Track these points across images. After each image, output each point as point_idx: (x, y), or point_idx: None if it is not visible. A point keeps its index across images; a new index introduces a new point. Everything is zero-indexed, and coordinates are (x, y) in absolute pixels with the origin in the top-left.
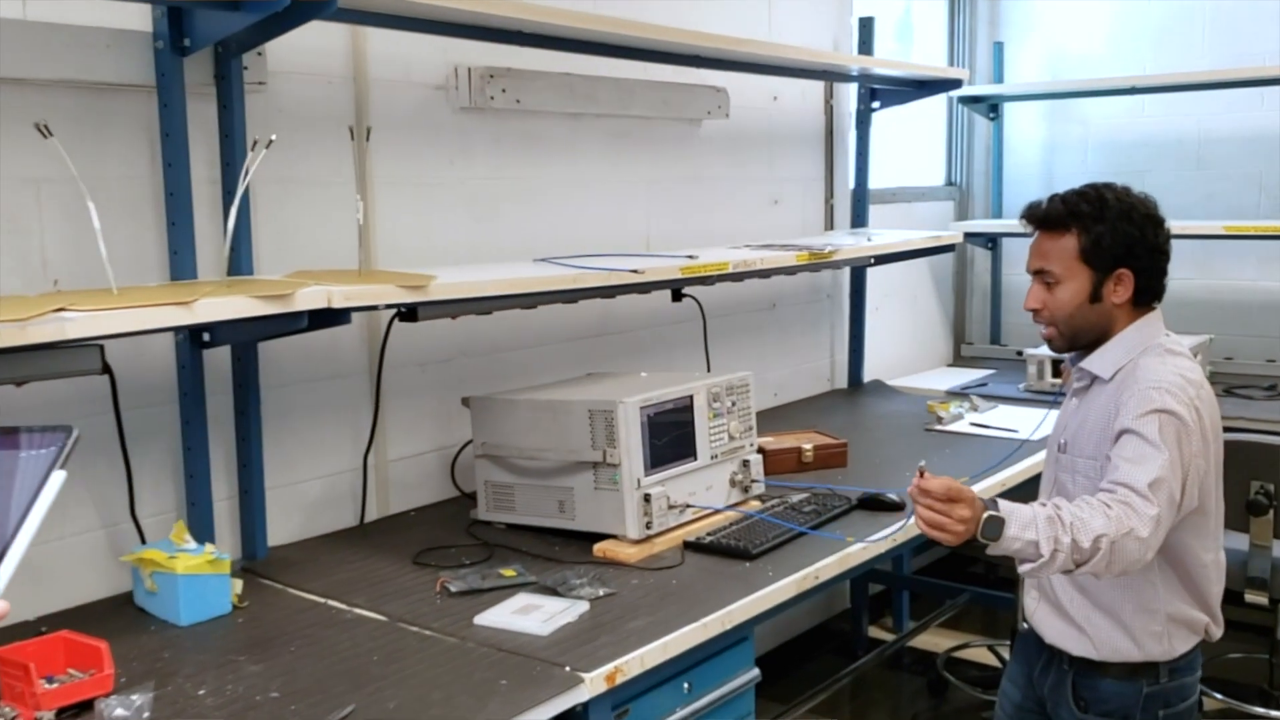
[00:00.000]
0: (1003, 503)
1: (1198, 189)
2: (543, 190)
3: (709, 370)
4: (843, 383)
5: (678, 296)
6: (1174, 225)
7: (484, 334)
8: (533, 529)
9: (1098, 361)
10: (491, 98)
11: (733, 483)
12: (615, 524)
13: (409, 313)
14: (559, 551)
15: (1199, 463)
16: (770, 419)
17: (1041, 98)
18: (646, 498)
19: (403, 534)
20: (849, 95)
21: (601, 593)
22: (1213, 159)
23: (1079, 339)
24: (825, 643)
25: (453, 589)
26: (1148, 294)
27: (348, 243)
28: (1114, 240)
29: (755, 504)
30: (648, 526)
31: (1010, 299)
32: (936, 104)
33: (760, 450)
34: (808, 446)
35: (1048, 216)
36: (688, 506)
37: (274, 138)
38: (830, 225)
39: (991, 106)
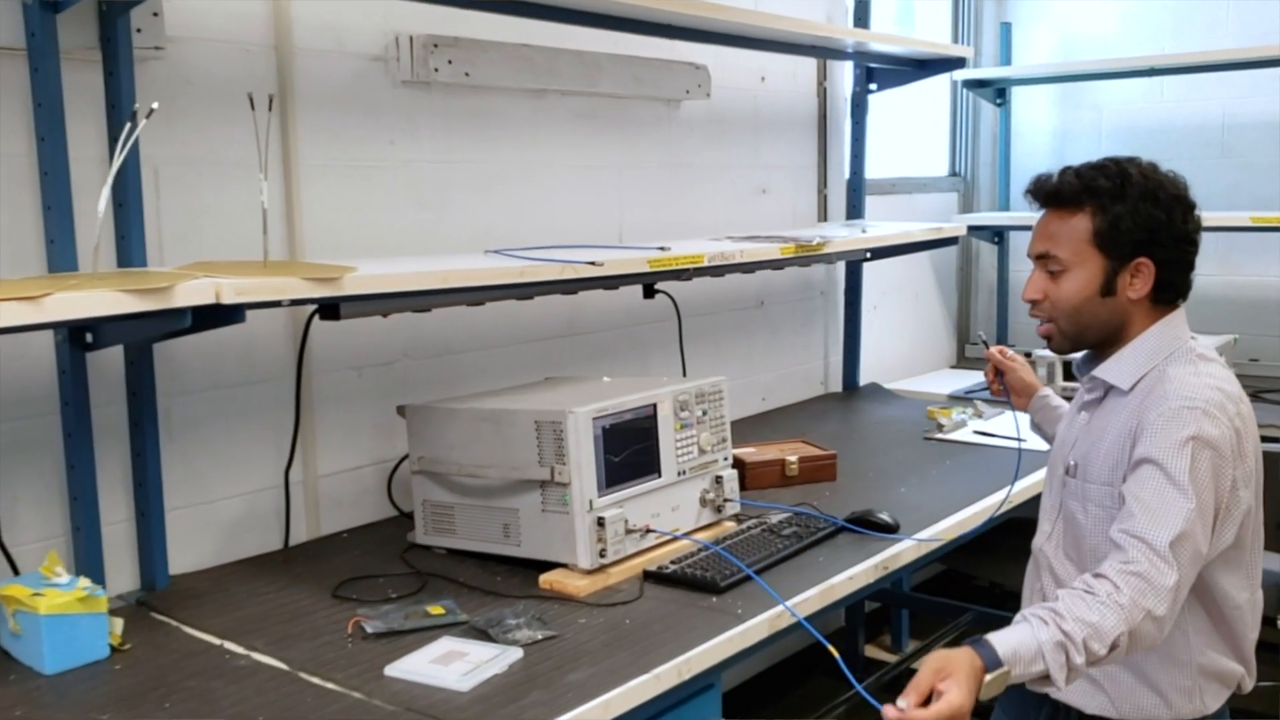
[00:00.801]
0: (998, 641)
1: (1221, 178)
2: (500, 175)
3: (685, 374)
4: (837, 386)
5: (650, 293)
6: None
7: (431, 334)
8: (475, 555)
9: (1114, 370)
10: (436, 70)
11: (704, 502)
12: (565, 551)
13: (330, 310)
14: (501, 583)
15: (1242, 495)
16: (757, 426)
17: (1052, 80)
18: (600, 521)
19: (330, 560)
20: (844, 77)
21: (540, 636)
22: (1238, 145)
23: (1084, 338)
24: (818, 664)
25: (369, 629)
26: (1170, 290)
27: (274, 232)
28: (1135, 224)
29: (730, 525)
30: (601, 554)
31: (1018, 297)
32: (940, 89)
33: (739, 463)
34: (792, 459)
35: (1058, 191)
36: (649, 531)
37: (155, 106)
38: (824, 217)
39: (998, 91)
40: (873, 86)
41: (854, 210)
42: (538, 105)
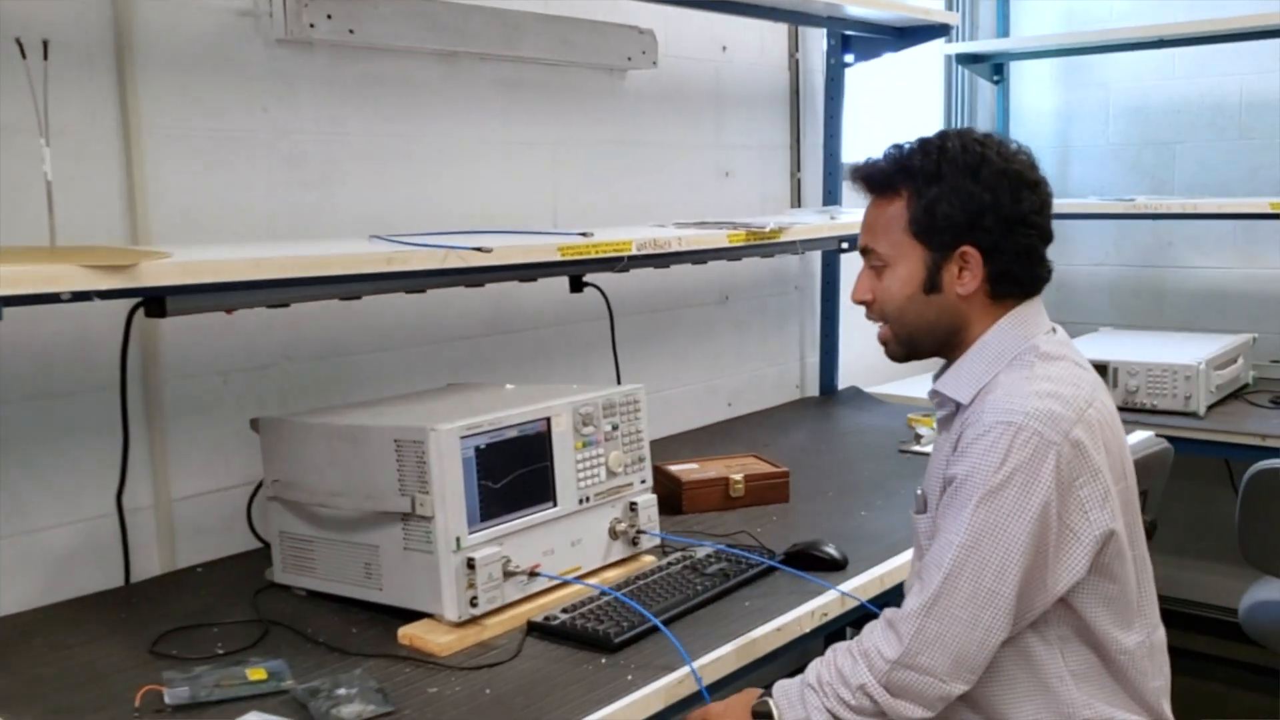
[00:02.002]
0: (779, 683)
1: (1240, 161)
2: (402, 151)
3: (619, 380)
4: (814, 390)
5: (578, 286)
6: (1212, 203)
7: (317, 332)
8: (337, 599)
9: (952, 381)
10: (312, 25)
11: (614, 534)
12: (430, 599)
13: (155, 306)
14: (356, 636)
15: (1094, 519)
16: (715, 436)
17: (1054, 54)
18: (470, 563)
19: (172, 601)
20: (818, 49)
21: (370, 712)
22: (1258, 126)
23: (916, 344)
24: None
25: (167, 699)
26: (1010, 282)
27: (110, 210)
28: (953, 206)
29: (649, 560)
30: (472, 603)
31: None
32: (931, 66)
33: (676, 483)
34: (737, 477)
35: (870, 176)
36: (534, 574)
37: None
38: (797, 202)
39: (996, 67)
40: (849, 58)
41: (830, 196)
42: (449, 71)
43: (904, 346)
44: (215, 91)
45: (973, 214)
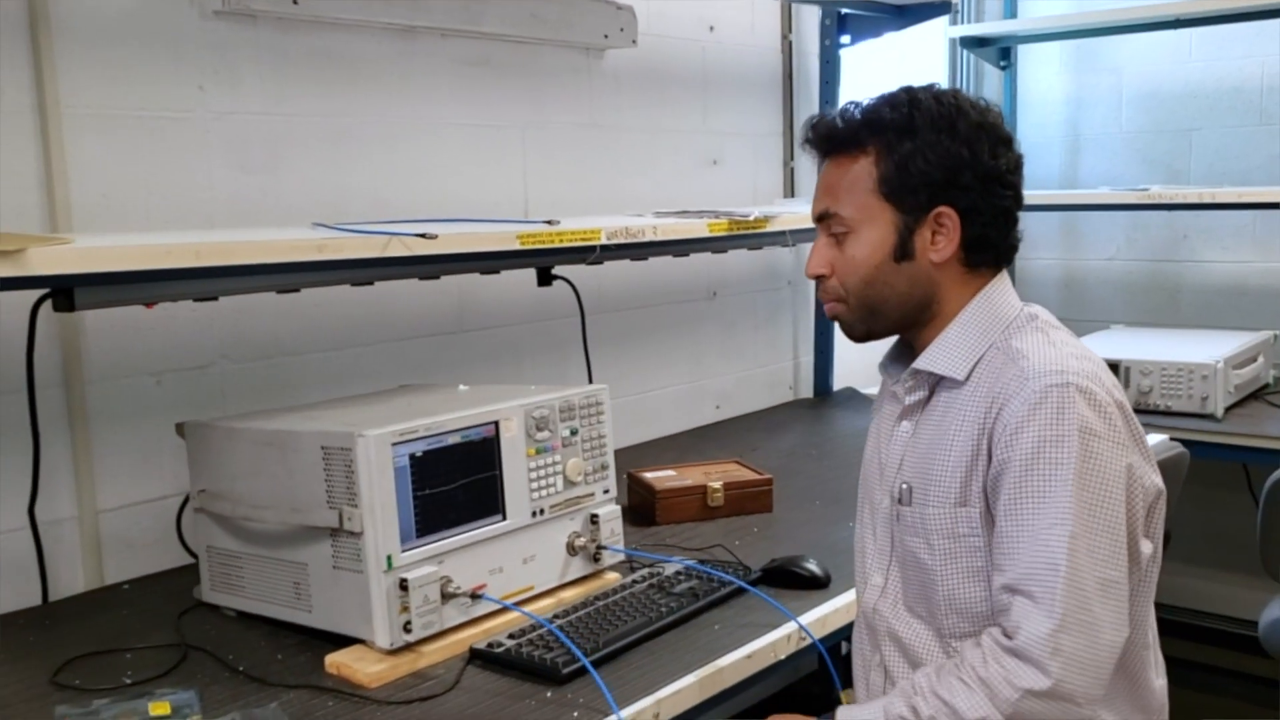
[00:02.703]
0: (845, 713)
1: (1261, 149)
2: (356, 134)
3: (590, 380)
4: (808, 391)
5: (546, 280)
6: (1230, 193)
7: (260, 329)
8: (268, 621)
9: (939, 356)
10: None
11: (573, 549)
12: (360, 623)
13: (63, 298)
14: (281, 663)
15: (1150, 482)
16: (699, 440)
17: (1063, 37)
18: (403, 584)
19: (91, 621)
20: (812, 29)
21: None
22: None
23: (880, 318)
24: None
25: None
26: (985, 248)
27: (25, 196)
28: (928, 162)
29: (613, 578)
30: (406, 629)
31: (1025, 287)
32: (934, 50)
33: (650, 491)
34: (716, 485)
35: (833, 133)
36: (475, 596)
37: None
38: (791, 192)
39: (1002, 51)
40: (845, 39)
41: None
42: (407, 48)
43: (863, 322)
44: (144, 67)
45: (950, 170)
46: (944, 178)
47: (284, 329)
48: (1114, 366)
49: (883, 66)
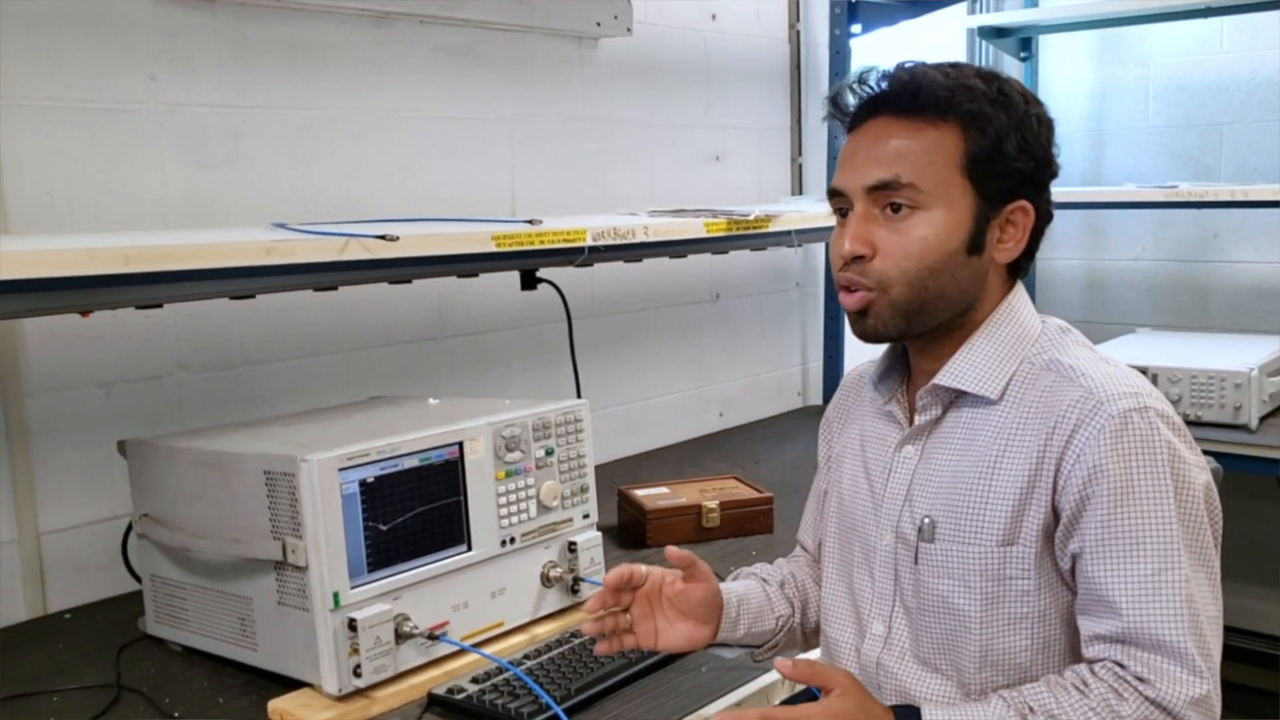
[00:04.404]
0: (930, 715)
1: None
2: (325, 128)
3: (579, 392)
4: (818, 398)
5: (530, 283)
6: (1264, 190)
7: (220, 336)
8: (212, 658)
9: (967, 371)
10: None
11: (548, 580)
12: (306, 665)
13: None
14: (221, 707)
15: (1217, 509)
16: (700, 451)
17: (1087, 27)
18: (351, 624)
19: (20, 657)
20: (821, 17)
21: None
22: None
23: (923, 317)
24: None
25: None
26: (1030, 256)
27: None
28: (1020, 149)
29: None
30: (356, 673)
31: (1046, 289)
32: (952, 40)
33: (640, 511)
34: (712, 505)
35: (918, 89)
36: (434, 637)
37: None
38: (799, 189)
39: (1023, 42)
40: (856, 28)
41: None
42: (383, 36)
43: (904, 319)
44: (89, 55)
45: (1039, 162)
46: (1031, 169)
47: (248, 336)
48: (1141, 373)
49: (896, 58)
